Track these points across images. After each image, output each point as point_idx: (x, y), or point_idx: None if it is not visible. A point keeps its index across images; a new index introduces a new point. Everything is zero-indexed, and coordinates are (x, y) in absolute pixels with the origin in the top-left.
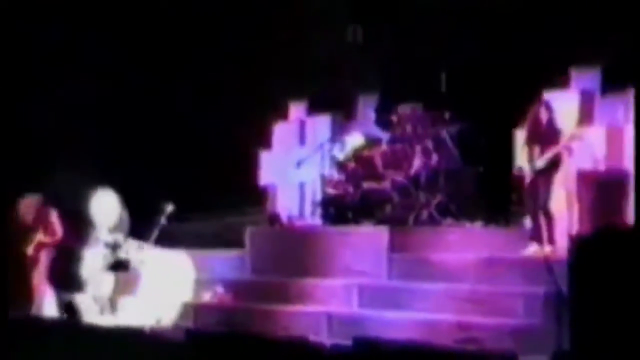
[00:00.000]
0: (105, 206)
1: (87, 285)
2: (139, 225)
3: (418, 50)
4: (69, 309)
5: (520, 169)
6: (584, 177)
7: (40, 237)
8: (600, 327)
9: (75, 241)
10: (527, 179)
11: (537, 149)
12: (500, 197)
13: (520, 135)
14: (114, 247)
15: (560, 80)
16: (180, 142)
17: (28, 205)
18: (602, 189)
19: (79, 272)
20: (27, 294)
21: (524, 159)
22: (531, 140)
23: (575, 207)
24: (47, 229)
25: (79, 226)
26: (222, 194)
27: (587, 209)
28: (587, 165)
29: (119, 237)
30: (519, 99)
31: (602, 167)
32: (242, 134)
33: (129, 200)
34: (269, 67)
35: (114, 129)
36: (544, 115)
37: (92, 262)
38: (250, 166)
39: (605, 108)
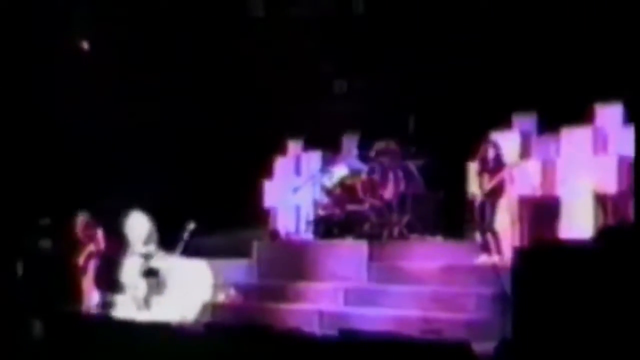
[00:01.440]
0: (138, 224)
1: (126, 288)
2: (167, 239)
3: (390, 99)
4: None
5: (473, 194)
6: (523, 201)
7: (88, 249)
8: (536, 319)
9: (116, 253)
10: (477, 203)
11: (486, 178)
12: (457, 217)
13: (472, 167)
14: (147, 257)
15: (504, 123)
16: (202, 172)
17: (79, 222)
18: (538, 211)
19: (119, 277)
20: (78, 295)
21: (476, 186)
22: (481, 172)
23: (517, 225)
24: (94, 242)
25: (118, 240)
26: (234, 214)
27: (526, 227)
28: (526, 191)
29: (151, 249)
30: (471, 138)
31: (538, 193)
32: (251, 167)
33: (158, 219)
34: (274, 115)
35: (148, 158)
36: (491, 152)
37: (130, 269)
38: (257, 192)
39: (540, 145)
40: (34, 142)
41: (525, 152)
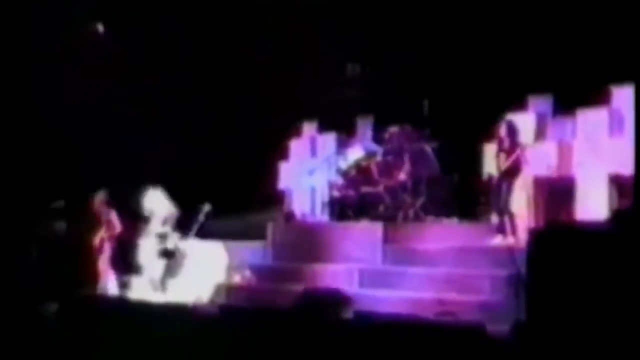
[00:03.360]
0: (156, 202)
1: (143, 269)
2: (182, 221)
3: (405, 82)
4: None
5: (489, 174)
6: (539, 182)
7: (104, 230)
8: (551, 302)
9: (133, 234)
10: (494, 183)
11: (502, 158)
12: (472, 199)
13: (488, 148)
14: (163, 237)
15: (519, 105)
16: (218, 154)
17: (95, 203)
18: (554, 192)
19: (136, 259)
20: (94, 277)
21: (493, 167)
22: (498, 152)
23: (533, 207)
24: (108, 225)
25: (135, 221)
26: (250, 196)
27: (541, 208)
28: (542, 172)
29: (168, 229)
30: (486, 119)
31: (554, 174)
32: (268, 149)
33: (176, 199)
34: (291, 98)
35: (164, 139)
36: (506, 131)
37: (146, 250)
38: (272, 174)
39: (556, 127)
40: (46, 124)
41: (540, 134)
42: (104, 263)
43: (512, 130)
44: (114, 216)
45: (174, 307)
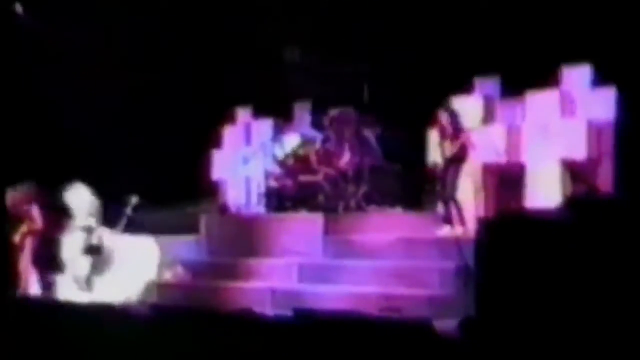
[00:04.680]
0: (80, 197)
1: (67, 267)
2: (109, 215)
3: (345, 64)
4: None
5: (434, 163)
6: (487, 169)
7: (24, 227)
8: (501, 295)
9: (55, 229)
10: (439, 171)
11: (447, 146)
12: (417, 188)
13: (433, 135)
14: (89, 231)
15: (466, 87)
16: (148, 142)
17: (15, 198)
18: (503, 179)
19: (59, 256)
20: (15, 278)
21: (438, 155)
22: (441, 140)
23: (482, 195)
24: (30, 220)
25: (58, 216)
26: (181, 187)
27: (491, 196)
28: (490, 158)
29: (93, 222)
30: (431, 104)
31: (503, 160)
32: (199, 137)
33: (99, 193)
34: (222, 81)
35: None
36: (447, 119)
37: (71, 247)
38: (205, 164)
39: (505, 110)
40: None
41: (488, 117)
42: (25, 262)
43: (454, 117)
44: (35, 211)
45: (102, 307)
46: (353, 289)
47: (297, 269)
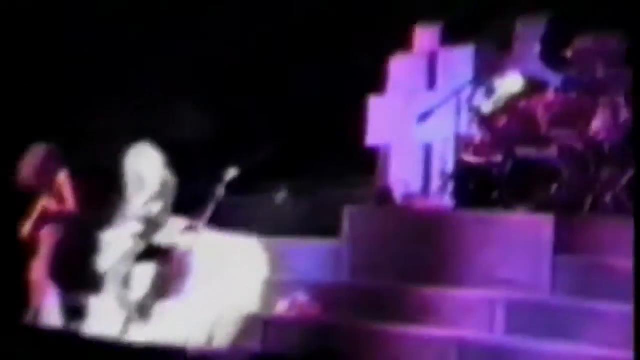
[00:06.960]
0: (143, 167)
1: (109, 280)
2: (187, 198)
3: None
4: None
5: None
6: None
7: (43, 204)
8: None
9: (93, 216)
10: None
11: None
12: None
13: None
14: (151, 225)
15: None
16: (252, 84)
17: (29, 162)
18: None
19: (96, 262)
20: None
21: None
22: None
23: None
24: (55, 195)
25: (100, 194)
26: (310, 157)
27: None
28: None
29: (159, 208)
30: None
31: None
32: (341, 71)
33: (177, 162)
34: None
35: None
36: None
37: (117, 248)
38: (353, 118)
39: None
40: None
41: None
42: (40, 267)
43: None
44: (64, 182)
45: (164, 351)
46: (601, 350)
47: (505, 310)
